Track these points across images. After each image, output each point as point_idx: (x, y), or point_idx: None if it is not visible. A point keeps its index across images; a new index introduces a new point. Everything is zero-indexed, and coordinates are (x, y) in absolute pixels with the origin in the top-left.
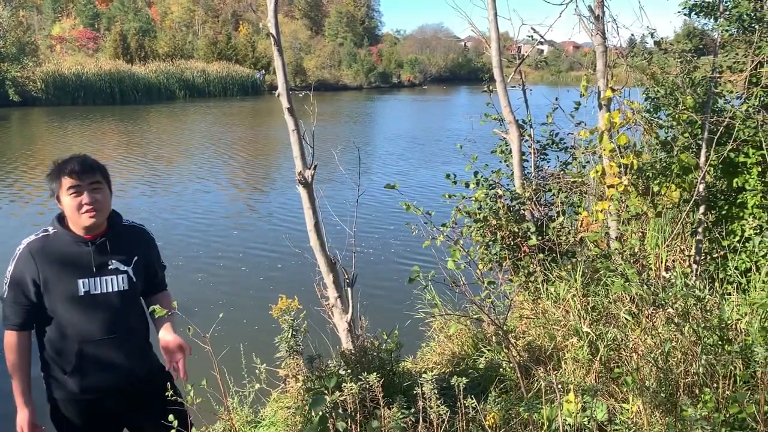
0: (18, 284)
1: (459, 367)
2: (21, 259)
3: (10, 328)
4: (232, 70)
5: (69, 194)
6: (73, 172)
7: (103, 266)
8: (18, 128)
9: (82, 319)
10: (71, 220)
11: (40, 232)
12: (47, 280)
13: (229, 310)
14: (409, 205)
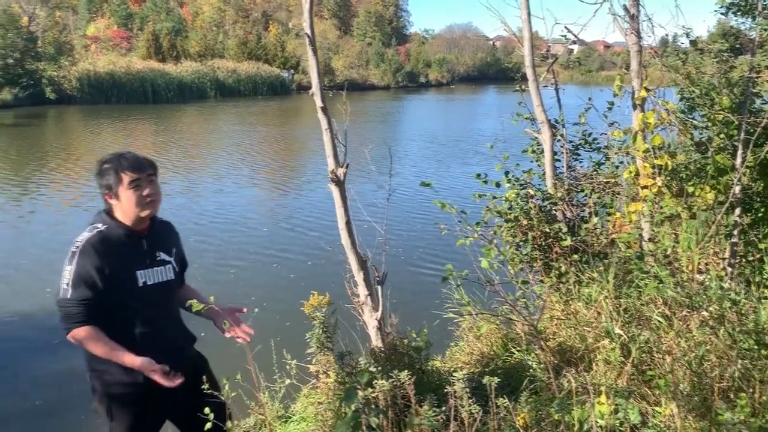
0: (83, 281)
1: (488, 367)
2: (84, 256)
3: (78, 324)
4: (261, 70)
5: (131, 188)
6: (133, 167)
7: (154, 258)
8: (54, 126)
9: (141, 310)
10: (128, 213)
11: (92, 229)
12: (110, 273)
13: (260, 306)
14: (444, 203)
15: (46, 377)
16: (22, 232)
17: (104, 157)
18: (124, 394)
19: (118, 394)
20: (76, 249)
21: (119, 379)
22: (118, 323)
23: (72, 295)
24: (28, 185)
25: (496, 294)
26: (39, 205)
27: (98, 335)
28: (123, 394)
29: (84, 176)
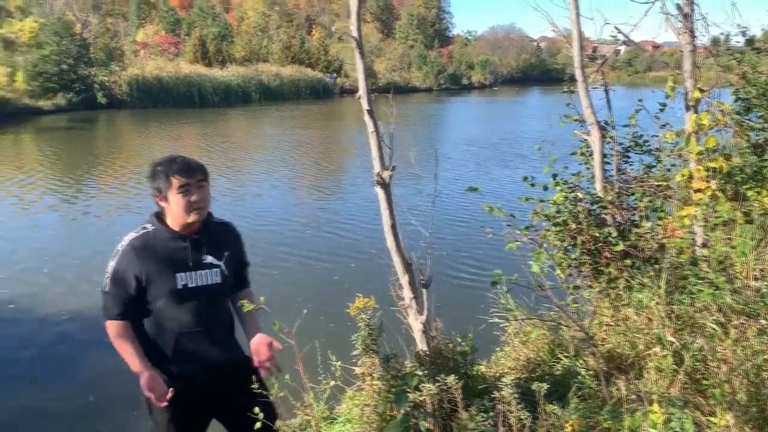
0: (120, 279)
1: (535, 373)
2: (123, 255)
3: (111, 318)
4: (304, 74)
5: (179, 193)
6: (183, 172)
7: (199, 261)
8: (105, 129)
9: (180, 311)
10: (176, 218)
11: (139, 229)
12: (148, 274)
13: (306, 307)
14: (492, 207)
15: (98, 374)
16: (74, 232)
17: (157, 160)
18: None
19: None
20: (120, 247)
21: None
22: (153, 325)
23: (109, 289)
24: (80, 187)
25: (543, 299)
26: (90, 207)
27: (124, 333)
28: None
29: (132, 179)
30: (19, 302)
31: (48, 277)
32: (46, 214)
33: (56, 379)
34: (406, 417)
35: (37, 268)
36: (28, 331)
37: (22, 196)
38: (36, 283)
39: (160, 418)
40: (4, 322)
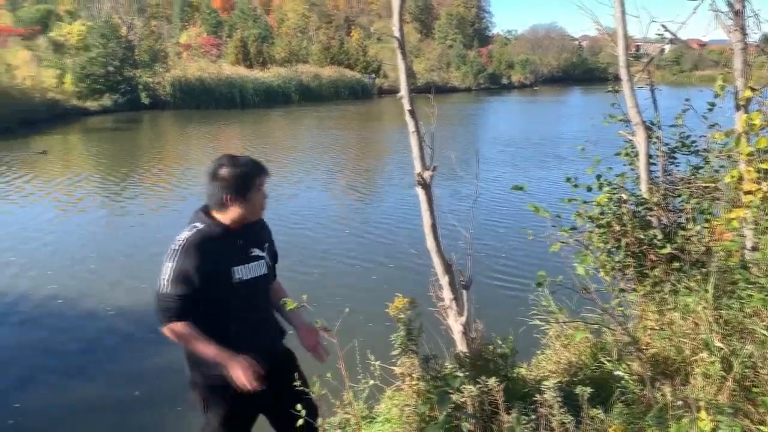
0: (181, 279)
1: (576, 376)
2: (183, 254)
3: (175, 319)
4: (343, 74)
5: (259, 191)
6: (265, 172)
7: (249, 254)
8: (148, 129)
9: (237, 304)
10: (246, 215)
11: (192, 228)
12: (208, 270)
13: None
14: (538, 207)
15: (142, 369)
16: (118, 229)
17: (228, 160)
18: (220, 386)
19: (214, 386)
20: (178, 247)
21: (216, 372)
22: (213, 318)
23: (170, 291)
24: (124, 186)
25: (585, 301)
26: (133, 205)
27: (191, 331)
28: (219, 387)
29: (175, 178)
30: (65, 297)
31: (93, 273)
32: (91, 212)
33: (102, 373)
34: (448, 418)
35: (83, 264)
36: (74, 325)
37: (70, 193)
38: (82, 278)
39: (217, 417)
40: (52, 316)
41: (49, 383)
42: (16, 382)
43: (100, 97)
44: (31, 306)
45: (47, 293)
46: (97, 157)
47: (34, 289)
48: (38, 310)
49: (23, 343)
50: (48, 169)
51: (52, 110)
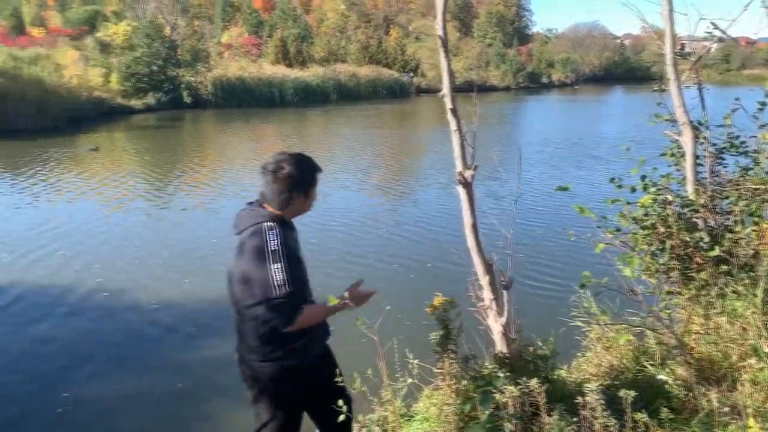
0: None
1: (618, 380)
2: (284, 251)
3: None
4: (381, 73)
5: (316, 187)
6: (319, 169)
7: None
8: (190, 128)
9: (309, 289)
10: (303, 210)
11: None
12: (300, 260)
13: (382, 305)
14: (583, 208)
15: (184, 362)
16: (162, 224)
17: (291, 157)
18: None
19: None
20: (276, 247)
21: (289, 363)
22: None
23: (292, 288)
24: (167, 182)
25: (627, 304)
26: (176, 201)
27: (309, 306)
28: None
29: (216, 176)
30: (111, 290)
31: (137, 268)
32: (135, 207)
33: (145, 364)
34: (491, 417)
35: (127, 258)
36: (119, 318)
37: (115, 189)
38: (126, 272)
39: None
40: (98, 308)
41: (95, 373)
42: (65, 372)
43: (144, 96)
44: (78, 298)
45: (93, 286)
46: (141, 154)
47: (80, 281)
48: (84, 302)
49: (70, 334)
50: (94, 165)
51: (98, 108)
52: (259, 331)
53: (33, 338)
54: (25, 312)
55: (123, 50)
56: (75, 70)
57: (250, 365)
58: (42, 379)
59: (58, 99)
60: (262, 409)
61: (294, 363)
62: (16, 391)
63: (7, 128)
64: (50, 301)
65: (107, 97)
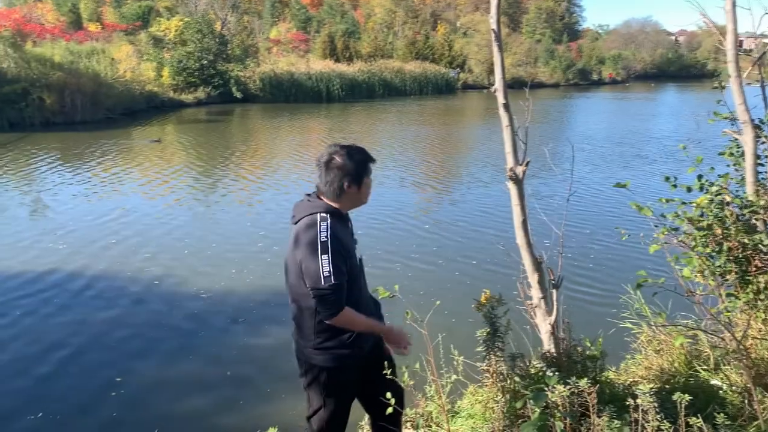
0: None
1: (668, 384)
2: (333, 244)
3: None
4: (428, 69)
5: (370, 178)
6: (373, 160)
7: (353, 236)
8: (239, 121)
9: (358, 284)
10: (358, 202)
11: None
12: (348, 254)
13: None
14: (640, 206)
15: (235, 352)
16: (212, 216)
17: (344, 148)
18: (343, 368)
19: (337, 369)
20: (326, 239)
21: (341, 353)
22: (351, 301)
23: (336, 281)
24: (218, 174)
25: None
26: (227, 194)
27: (356, 313)
28: (342, 369)
29: (265, 170)
30: (163, 280)
31: (189, 258)
32: (186, 199)
33: (196, 353)
34: (543, 415)
35: (180, 250)
36: (171, 307)
37: (166, 181)
38: (179, 263)
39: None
40: (150, 297)
41: (147, 360)
42: (118, 358)
43: (195, 90)
44: (131, 288)
45: (146, 275)
46: (192, 146)
47: (134, 271)
48: (137, 292)
49: (123, 321)
50: (146, 157)
51: (150, 102)
52: (312, 320)
53: (100, 322)
54: (94, 298)
55: (175, 45)
56: (129, 64)
57: (305, 353)
58: (104, 362)
59: (112, 92)
60: (313, 396)
61: (345, 353)
62: (78, 371)
63: (64, 120)
64: (102, 289)
65: (159, 91)
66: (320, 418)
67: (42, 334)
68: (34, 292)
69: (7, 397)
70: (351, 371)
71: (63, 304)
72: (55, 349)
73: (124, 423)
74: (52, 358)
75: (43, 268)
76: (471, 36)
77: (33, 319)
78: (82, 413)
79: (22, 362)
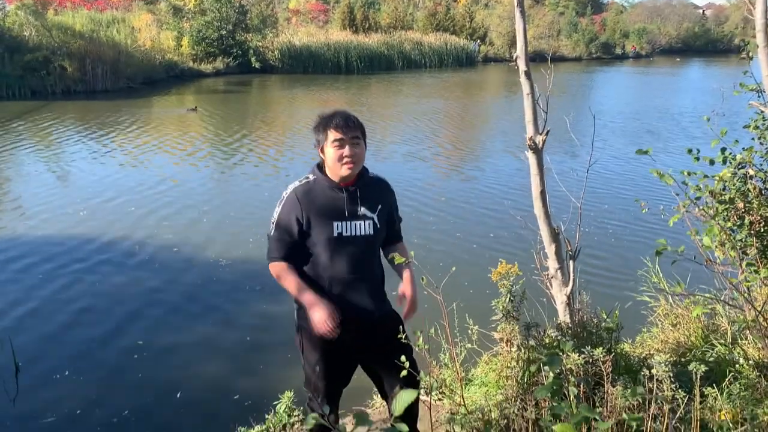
0: (284, 224)
1: (684, 357)
2: (288, 202)
3: (274, 260)
4: (448, 41)
5: (333, 146)
6: (339, 127)
7: (354, 212)
8: (257, 92)
9: (334, 259)
10: (331, 169)
11: (303, 179)
12: (309, 220)
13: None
14: (662, 173)
15: (252, 317)
16: (229, 186)
17: (321, 113)
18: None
19: (308, 329)
20: (285, 195)
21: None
22: (309, 271)
23: (273, 234)
24: (235, 144)
25: (699, 281)
26: (243, 163)
27: (289, 272)
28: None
29: (280, 139)
30: (181, 246)
31: (206, 226)
32: (203, 168)
33: (215, 318)
34: (557, 380)
35: (197, 217)
36: (189, 272)
37: (183, 149)
38: (195, 230)
39: (311, 359)
40: (169, 263)
41: (168, 324)
42: (138, 322)
43: (214, 60)
44: (150, 253)
45: (164, 242)
46: (211, 116)
47: (151, 238)
48: (157, 257)
49: (144, 286)
50: (162, 127)
51: (169, 71)
52: None
53: (119, 286)
54: (110, 263)
55: (194, 14)
56: (148, 33)
57: None
58: (125, 326)
59: (132, 61)
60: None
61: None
62: (101, 333)
63: (85, 89)
64: (124, 254)
65: (179, 61)
66: (308, 375)
67: (67, 300)
68: (54, 256)
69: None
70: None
71: (81, 269)
72: (80, 312)
73: (148, 384)
74: (78, 321)
75: (62, 234)
76: (492, 8)
77: (57, 285)
78: (108, 374)
79: (48, 325)
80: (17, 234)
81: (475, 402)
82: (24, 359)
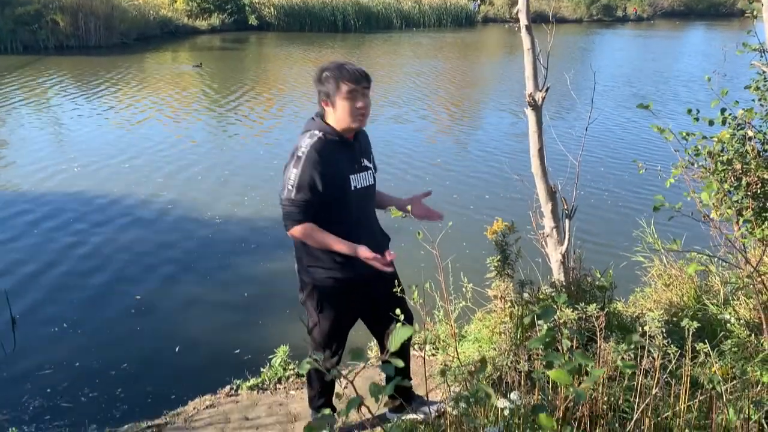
0: (306, 184)
1: (677, 317)
2: (308, 161)
3: (298, 223)
4: (447, 0)
5: (347, 98)
6: (352, 78)
7: (360, 164)
8: (254, 50)
9: (350, 212)
10: (340, 122)
11: (312, 136)
12: (330, 177)
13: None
14: (662, 128)
15: (250, 274)
16: (224, 145)
17: (325, 65)
18: (334, 287)
19: (328, 287)
20: (302, 154)
21: (331, 274)
22: (333, 225)
23: (295, 196)
24: (231, 103)
25: (694, 242)
26: (239, 122)
27: (317, 229)
28: (333, 288)
29: (278, 99)
30: (177, 204)
31: (201, 184)
32: (198, 127)
33: (212, 274)
34: (551, 331)
35: (192, 176)
36: (185, 230)
37: (178, 108)
38: (191, 189)
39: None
40: (165, 220)
41: (166, 280)
42: (137, 277)
43: (209, 17)
44: (147, 211)
45: (159, 200)
46: (206, 74)
47: (148, 196)
48: (153, 215)
49: (141, 243)
50: (158, 85)
51: (164, 27)
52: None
53: (116, 244)
54: (106, 222)
55: None
56: None
57: (298, 270)
58: (120, 281)
59: (126, 17)
60: (309, 312)
61: (332, 273)
62: (97, 290)
63: (78, 44)
64: (121, 212)
65: (173, 17)
66: (318, 332)
67: (64, 256)
68: (50, 213)
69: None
70: (343, 290)
71: (78, 226)
72: (77, 267)
73: (147, 338)
74: (75, 277)
75: (58, 190)
76: None
77: (55, 241)
78: (106, 327)
79: (46, 279)
80: (8, 190)
81: (468, 357)
82: (20, 312)
